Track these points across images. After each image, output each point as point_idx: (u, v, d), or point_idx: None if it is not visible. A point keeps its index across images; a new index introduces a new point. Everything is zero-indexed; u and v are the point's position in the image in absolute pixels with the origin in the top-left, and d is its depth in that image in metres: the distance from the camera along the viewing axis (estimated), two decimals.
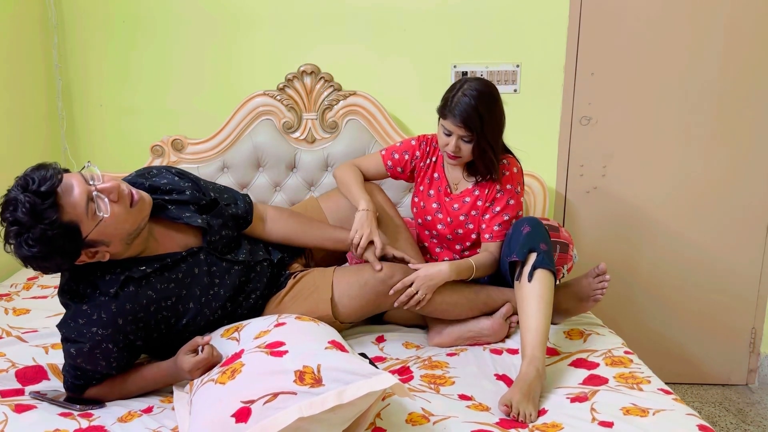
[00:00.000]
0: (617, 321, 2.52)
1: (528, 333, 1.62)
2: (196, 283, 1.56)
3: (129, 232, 1.43)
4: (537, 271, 1.68)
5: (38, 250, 1.31)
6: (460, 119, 1.75)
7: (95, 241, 1.38)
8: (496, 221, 1.89)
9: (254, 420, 1.16)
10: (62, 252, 1.34)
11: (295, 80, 2.46)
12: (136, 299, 1.44)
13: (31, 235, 1.29)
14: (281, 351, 1.29)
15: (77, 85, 2.61)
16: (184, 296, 1.54)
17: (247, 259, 1.69)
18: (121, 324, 1.42)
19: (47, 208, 1.30)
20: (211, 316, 1.59)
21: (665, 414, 1.40)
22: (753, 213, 2.65)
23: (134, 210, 1.41)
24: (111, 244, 1.41)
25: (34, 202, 1.28)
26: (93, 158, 2.65)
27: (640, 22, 2.51)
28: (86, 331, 1.40)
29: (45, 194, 1.29)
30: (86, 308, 1.41)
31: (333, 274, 1.77)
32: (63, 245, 1.33)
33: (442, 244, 2.03)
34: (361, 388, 1.20)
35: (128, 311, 1.43)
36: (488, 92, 1.77)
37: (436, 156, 2.00)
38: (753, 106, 2.56)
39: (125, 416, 1.41)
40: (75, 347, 1.42)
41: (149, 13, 2.54)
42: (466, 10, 2.51)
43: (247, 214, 1.79)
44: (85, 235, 1.36)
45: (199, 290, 1.56)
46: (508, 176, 1.90)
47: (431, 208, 1.97)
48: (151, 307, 1.48)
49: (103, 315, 1.41)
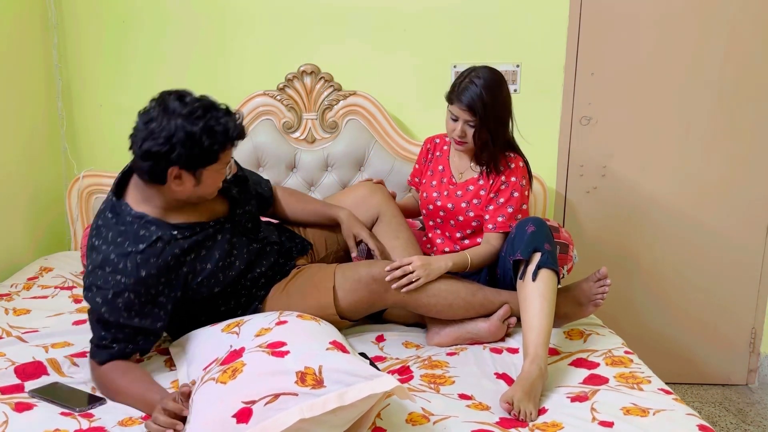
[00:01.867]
0: (617, 321, 2.51)
1: (531, 332, 1.62)
2: (217, 248, 1.65)
3: (203, 198, 1.61)
4: (541, 270, 1.69)
5: (183, 151, 1.47)
6: (465, 103, 1.82)
7: (198, 175, 1.53)
8: (499, 212, 1.91)
9: (255, 421, 1.16)
10: (182, 159, 1.49)
11: (295, 80, 2.47)
12: (161, 255, 1.54)
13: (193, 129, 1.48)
14: (282, 351, 1.29)
15: (77, 85, 2.61)
16: (203, 256, 1.63)
17: (263, 236, 1.81)
18: (144, 276, 1.51)
19: (213, 143, 1.51)
20: (224, 283, 1.67)
21: (665, 414, 1.40)
22: (753, 213, 2.65)
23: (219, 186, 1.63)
24: (194, 191, 1.56)
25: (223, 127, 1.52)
26: (93, 158, 2.65)
27: (640, 22, 2.52)
28: (111, 278, 1.49)
29: (226, 134, 1.52)
30: (113, 257, 1.51)
31: (335, 268, 1.80)
32: (191, 158, 1.49)
33: (444, 234, 2.05)
34: (363, 390, 1.21)
35: (152, 265, 1.52)
36: (494, 79, 1.84)
37: (440, 151, 2.07)
38: (753, 106, 2.56)
39: (126, 421, 1.40)
40: (100, 295, 1.50)
41: (149, 14, 2.54)
42: (466, 10, 2.51)
43: (270, 197, 2.00)
44: (201, 167, 1.53)
45: (218, 254, 1.65)
46: (513, 169, 1.93)
47: (432, 197, 2.02)
48: (172, 261, 1.56)
49: (128, 264, 1.50)
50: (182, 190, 1.56)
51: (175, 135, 1.47)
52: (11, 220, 2.41)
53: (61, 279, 2.25)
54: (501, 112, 1.87)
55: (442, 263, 1.81)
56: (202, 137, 1.48)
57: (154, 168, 1.51)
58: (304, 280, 1.80)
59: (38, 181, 2.56)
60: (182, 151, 1.47)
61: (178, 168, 1.50)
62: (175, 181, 1.53)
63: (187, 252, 1.59)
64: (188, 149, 1.48)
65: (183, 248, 1.58)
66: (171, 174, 1.51)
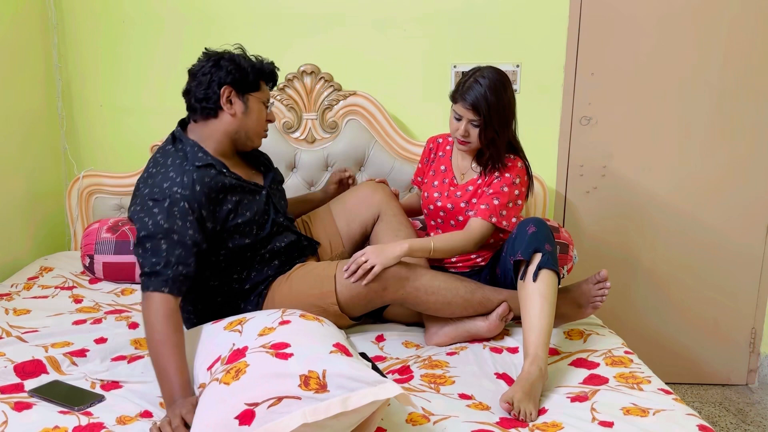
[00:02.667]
0: (617, 321, 2.52)
1: (531, 332, 1.62)
2: (255, 204, 1.79)
3: (248, 135, 1.80)
4: (542, 271, 1.69)
5: (235, 59, 1.75)
6: (469, 102, 1.83)
7: (245, 100, 1.76)
8: (484, 201, 1.90)
9: (258, 423, 1.16)
10: (242, 75, 1.74)
11: (295, 80, 2.47)
12: (213, 179, 1.69)
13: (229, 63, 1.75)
14: (286, 353, 1.29)
15: (77, 85, 2.61)
16: (245, 203, 1.76)
17: (289, 216, 1.94)
18: (198, 191, 1.64)
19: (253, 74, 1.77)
20: (255, 237, 1.78)
21: (665, 414, 1.40)
22: (752, 213, 2.65)
23: (264, 132, 1.85)
24: (243, 119, 1.76)
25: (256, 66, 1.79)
26: (93, 158, 2.65)
27: (640, 22, 2.52)
28: (168, 190, 1.62)
29: (260, 70, 1.80)
30: (172, 173, 1.66)
31: (338, 262, 1.85)
32: (238, 77, 1.74)
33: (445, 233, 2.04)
34: (366, 397, 1.21)
35: (205, 183, 1.66)
36: (499, 79, 1.84)
37: (443, 151, 2.07)
38: (753, 106, 2.56)
39: (124, 418, 1.40)
40: (157, 206, 1.61)
41: (149, 14, 2.54)
42: (466, 10, 2.52)
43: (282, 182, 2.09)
44: (247, 92, 1.76)
45: (256, 209, 1.78)
46: (510, 167, 1.93)
47: (433, 197, 2.02)
48: (221, 191, 1.70)
49: (185, 179, 1.64)
50: (233, 120, 1.74)
51: (221, 60, 1.73)
52: (11, 220, 2.41)
53: (61, 279, 2.25)
54: (505, 112, 1.86)
55: (397, 248, 1.77)
56: (242, 61, 1.74)
57: (208, 92, 1.72)
58: (307, 270, 1.84)
59: (38, 181, 2.56)
60: (229, 67, 1.71)
61: (229, 88, 1.71)
62: (227, 105, 1.73)
63: (232, 190, 1.72)
64: (233, 68, 1.72)
65: (231, 184, 1.72)
66: (223, 94, 1.71)
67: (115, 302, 2.10)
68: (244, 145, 1.81)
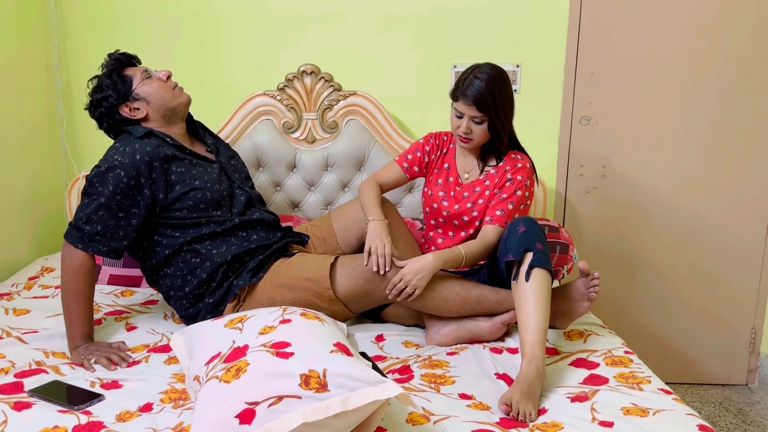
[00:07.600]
0: (617, 321, 2.52)
1: (527, 332, 1.62)
2: (206, 174, 1.87)
3: (166, 105, 1.89)
4: (534, 270, 1.69)
5: (101, 84, 1.88)
6: (471, 99, 1.83)
7: (139, 96, 1.87)
8: (499, 206, 1.92)
9: (258, 422, 1.16)
10: (116, 90, 1.86)
11: (295, 80, 2.47)
12: (156, 148, 1.80)
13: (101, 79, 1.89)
14: (287, 352, 1.30)
15: (77, 85, 2.61)
16: (192, 173, 1.84)
17: (251, 186, 2.04)
18: (138, 159, 1.76)
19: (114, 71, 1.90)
20: (211, 201, 1.85)
21: (665, 414, 1.40)
22: (753, 213, 2.65)
23: (174, 91, 1.91)
24: (149, 105, 1.87)
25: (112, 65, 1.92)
26: (93, 158, 2.63)
27: (640, 22, 2.52)
28: (110, 158, 1.77)
29: (119, 61, 1.92)
30: (118, 145, 1.81)
31: (340, 254, 1.90)
32: (121, 91, 1.87)
33: (446, 233, 2.05)
34: (366, 396, 1.21)
35: (146, 152, 1.77)
36: (498, 74, 1.86)
37: (446, 148, 2.06)
38: (753, 107, 2.56)
39: (124, 415, 1.41)
40: (95, 170, 1.77)
41: (149, 14, 2.54)
42: (466, 10, 2.52)
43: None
44: (134, 87, 1.87)
45: (206, 177, 1.87)
46: (520, 168, 1.94)
47: (437, 196, 2.01)
48: (163, 159, 1.80)
49: (127, 149, 1.78)
50: (148, 109, 1.87)
51: (96, 93, 1.89)
52: (11, 220, 2.41)
53: None
54: (506, 105, 1.88)
55: (430, 264, 1.78)
56: (105, 81, 1.88)
57: (117, 117, 1.88)
58: (308, 257, 1.90)
59: (38, 181, 2.57)
60: (106, 93, 1.86)
61: (124, 105, 1.87)
62: (134, 111, 1.87)
63: (176, 159, 1.83)
64: (110, 92, 1.86)
65: (174, 154, 1.82)
66: (125, 112, 1.87)
67: (114, 303, 2.11)
68: (174, 111, 1.90)
